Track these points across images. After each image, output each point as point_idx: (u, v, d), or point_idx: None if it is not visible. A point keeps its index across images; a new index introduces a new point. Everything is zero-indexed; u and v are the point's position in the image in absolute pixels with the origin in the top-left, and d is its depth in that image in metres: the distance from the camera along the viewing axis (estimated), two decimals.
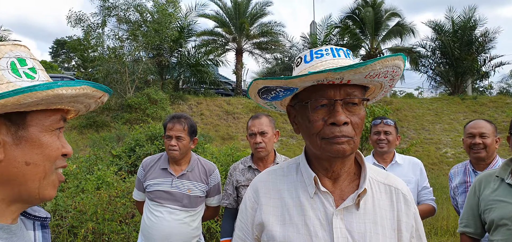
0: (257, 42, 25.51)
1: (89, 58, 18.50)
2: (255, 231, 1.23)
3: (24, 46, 0.87)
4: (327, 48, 1.13)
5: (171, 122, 2.58)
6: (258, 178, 1.32)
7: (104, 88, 0.90)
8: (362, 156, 1.23)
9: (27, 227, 0.96)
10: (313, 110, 1.09)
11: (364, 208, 1.13)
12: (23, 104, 0.75)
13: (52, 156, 0.86)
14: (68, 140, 10.24)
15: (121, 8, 17.41)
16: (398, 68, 1.05)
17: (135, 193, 2.81)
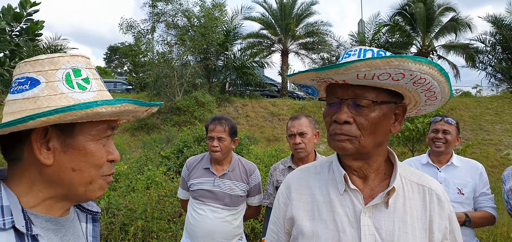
0: (303, 42, 25.36)
1: (140, 63, 19.32)
2: (286, 225, 1.29)
3: (83, 56, 0.92)
4: (356, 49, 1.14)
5: (213, 124, 2.65)
6: (291, 175, 1.37)
7: (147, 104, 0.92)
8: (395, 155, 1.24)
9: (80, 219, 1.05)
10: (327, 107, 1.17)
11: (394, 206, 1.14)
12: (65, 120, 0.80)
13: (96, 164, 0.91)
14: (121, 141, 10.77)
15: (169, 14, 18.04)
16: (415, 72, 0.99)
17: (180, 192, 2.91)
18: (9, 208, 0.82)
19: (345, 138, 1.10)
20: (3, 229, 0.79)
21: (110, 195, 5.38)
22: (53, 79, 0.86)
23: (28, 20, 3.85)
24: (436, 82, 1.04)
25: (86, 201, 0.97)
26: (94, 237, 1.06)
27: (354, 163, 1.18)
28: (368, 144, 1.11)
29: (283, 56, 25.36)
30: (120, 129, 15.72)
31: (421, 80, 1.02)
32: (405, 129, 8.91)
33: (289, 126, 2.71)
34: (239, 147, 8.00)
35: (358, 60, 0.96)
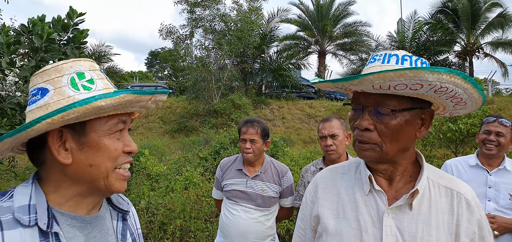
0: (340, 43, 25.00)
1: (179, 67, 19.84)
2: (313, 222, 1.34)
3: (86, 59, 0.99)
4: (381, 54, 1.15)
5: (245, 126, 2.71)
6: (319, 174, 1.41)
7: (148, 92, 0.97)
8: (423, 157, 1.23)
9: (112, 217, 1.13)
10: (352, 112, 1.19)
11: (418, 208, 1.14)
12: (71, 118, 0.87)
13: (111, 157, 0.97)
14: (161, 143, 11.10)
15: (207, 19, 18.40)
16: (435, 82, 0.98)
17: (214, 192, 3.00)
18: (35, 206, 0.90)
19: (367, 146, 1.13)
20: (28, 226, 0.87)
21: (150, 195, 5.59)
22: (60, 85, 0.93)
23: (74, 29, 4.10)
24: (461, 90, 1.02)
25: (109, 194, 1.03)
26: (123, 235, 1.12)
27: (379, 166, 1.20)
28: (390, 151, 1.13)
29: (320, 58, 25.12)
30: (160, 131, 16.22)
31: (442, 88, 1.01)
32: (447, 130, 8.57)
33: (320, 128, 2.72)
34: (274, 149, 8.04)
35: (371, 74, 0.99)
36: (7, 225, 0.85)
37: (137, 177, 6.74)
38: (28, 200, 0.91)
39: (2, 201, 0.90)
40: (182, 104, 18.81)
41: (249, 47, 18.34)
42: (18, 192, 0.92)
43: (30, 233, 0.87)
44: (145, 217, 5.25)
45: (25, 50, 3.92)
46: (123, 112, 1.00)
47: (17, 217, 0.86)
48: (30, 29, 3.76)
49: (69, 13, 4.00)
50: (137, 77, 37.94)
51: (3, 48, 3.72)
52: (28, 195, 0.92)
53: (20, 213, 0.87)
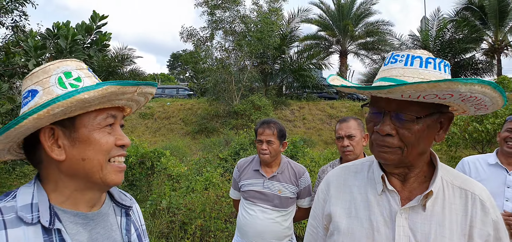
0: (362, 42, 24.72)
1: (200, 69, 20.05)
2: (325, 220, 1.33)
3: (73, 60, 1.02)
4: (403, 54, 1.12)
5: (262, 127, 2.72)
6: (331, 173, 1.41)
7: (132, 83, 0.97)
8: (437, 157, 1.21)
9: (116, 213, 1.15)
10: (370, 114, 1.17)
11: (432, 209, 1.13)
12: (58, 113, 0.89)
13: (102, 150, 0.98)
14: (182, 144, 11.23)
15: (227, 21, 18.51)
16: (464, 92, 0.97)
17: (232, 192, 3.02)
18: (37, 205, 0.93)
19: (387, 150, 1.11)
20: (31, 224, 0.89)
21: (171, 195, 5.67)
22: (48, 85, 0.95)
23: (97, 32, 4.22)
24: (487, 98, 1.00)
25: (107, 187, 1.04)
26: (127, 230, 1.14)
27: (395, 170, 1.19)
28: (410, 155, 1.11)
29: (342, 57, 24.90)
30: (181, 132, 16.42)
31: (471, 98, 1.00)
32: (473, 130, 8.33)
33: (337, 129, 2.70)
34: (294, 150, 8.01)
35: (403, 84, 0.97)
36: (10, 223, 0.88)
37: (158, 177, 6.85)
38: (30, 199, 0.94)
39: (6, 201, 0.93)
40: (203, 106, 18.99)
41: (269, 48, 18.35)
42: (21, 192, 0.95)
43: (33, 230, 0.89)
44: (166, 216, 5.32)
45: (51, 53, 4.05)
46: (111, 107, 1.01)
47: (20, 216, 0.89)
48: (55, 33, 3.88)
49: (92, 17, 4.11)
50: (159, 80, 38.54)
51: (31, 51, 3.85)
52: (30, 194, 0.95)
53: (23, 212, 0.90)
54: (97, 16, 4.11)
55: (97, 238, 1.03)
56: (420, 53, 1.10)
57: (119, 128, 1.05)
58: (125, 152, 1.05)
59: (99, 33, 4.22)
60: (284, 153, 7.76)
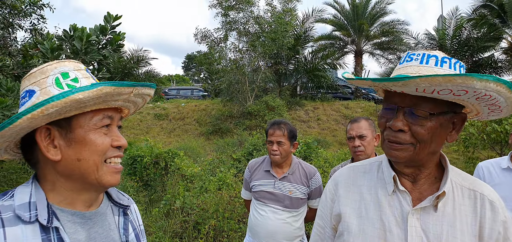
0: (377, 42, 24.47)
1: (214, 70, 20.14)
2: (333, 221, 1.33)
3: (71, 60, 1.03)
4: (419, 53, 1.12)
5: (272, 128, 2.72)
6: (339, 172, 1.40)
7: (127, 84, 0.96)
8: (447, 159, 1.22)
9: (114, 212, 1.16)
10: (382, 110, 1.17)
11: (443, 210, 1.13)
12: (52, 113, 0.89)
13: (98, 151, 0.98)
14: (196, 145, 11.30)
15: (240, 21, 18.54)
16: (480, 90, 0.96)
17: (243, 192, 3.03)
18: (35, 204, 0.94)
19: (399, 147, 1.12)
20: (29, 222, 0.90)
21: (185, 195, 5.71)
22: (45, 86, 0.96)
23: (112, 32, 4.28)
24: (503, 98, 0.99)
25: (102, 188, 1.05)
26: (125, 229, 1.15)
27: (405, 169, 1.19)
28: (422, 154, 1.12)
29: (357, 57, 24.70)
30: (196, 133, 16.53)
31: (485, 96, 0.99)
32: (492, 131, 8.15)
33: (348, 129, 2.68)
34: (308, 151, 7.97)
35: (418, 77, 0.96)
36: (8, 222, 0.89)
37: (172, 178, 6.90)
38: (28, 198, 0.95)
39: (3, 200, 0.93)
40: (217, 107, 19.07)
41: (283, 49, 18.32)
42: (19, 191, 0.96)
43: (31, 229, 0.90)
44: (180, 216, 5.36)
45: (67, 55, 4.13)
46: (108, 108, 1.02)
47: (18, 214, 0.90)
48: (71, 35, 3.96)
49: (106, 17, 4.18)
50: (174, 81, 38.88)
51: (48, 53, 3.93)
52: (28, 193, 0.96)
53: (20, 210, 0.91)
54: (111, 16, 4.17)
55: (96, 237, 1.04)
56: (436, 53, 1.11)
57: (116, 129, 1.06)
58: (121, 153, 1.05)
59: (114, 33, 4.28)
60: (297, 154, 7.73)
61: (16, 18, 7.71)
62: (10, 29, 7.71)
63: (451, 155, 12.04)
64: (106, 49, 4.30)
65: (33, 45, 5.04)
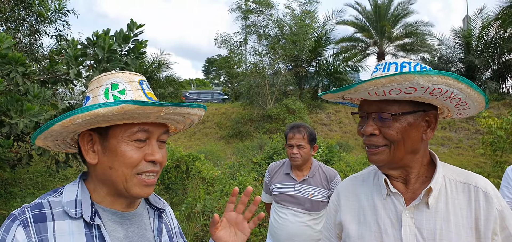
0: (400, 44, 24.05)
1: (234, 74, 20.21)
2: (337, 229, 1.41)
3: (125, 72, 1.07)
4: (383, 63, 1.21)
5: (292, 132, 2.74)
6: (341, 184, 1.49)
7: (151, 104, 0.96)
8: (437, 157, 1.27)
9: (149, 214, 1.21)
10: (360, 121, 1.26)
11: (436, 207, 1.18)
12: (80, 123, 0.95)
13: (126, 163, 1.01)
14: (217, 148, 11.36)
15: (260, 25, 18.55)
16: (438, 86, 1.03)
17: (263, 195, 3.04)
18: (80, 202, 1.02)
19: (375, 150, 1.19)
20: (75, 218, 0.99)
21: (206, 199, 5.74)
22: (97, 95, 1.04)
23: (134, 40, 4.35)
24: (456, 90, 1.05)
25: (132, 197, 1.08)
26: (159, 231, 1.20)
27: (392, 172, 1.25)
28: (399, 153, 1.18)
29: (379, 59, 24.31)
30: (216, 136, 16.63)
31: (436, 90, 1.05)
32: None
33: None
34: (330, 154, 7.89)
35: (364, 81, 1.06)
36: (57, 216, 0.98)
37: (193, 181, 6.96)
38: (75, 196, 1.03)
39: (54, 196, 1.03)
40: (237, 110, 19.13)
41: (303, 51, 18.22)
42: (67, 189, 1.05)
43: (76, 224, 0.99)
44: (201, 220, 5.40)
45: (91, 61, 4.22)
46: (144, 122, 1.03)
47: (65, 210, 0.99)
48: (95, 42, 4.04)
49: (129, 25, 4.24)
50: (194, 84, 39.25)
51: (72, 60, 4.03)
52: (75, 191, 1.05)
53: (68, 207, 1.00)
54: (134, 24, 4.23)
55: (132, 236, 1.10)
56: (397, 60, 1.19)
57: (154, 143, 1.07)
58: (156, 168, 1.07)
59: (136, 41, 4.34)
60: (318, 157, 7.66)
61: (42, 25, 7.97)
62: (37, 35, 7.97)
63: (478, 158, 11.70)
64: (128, 56, 4.37)
65: (58, 51, 5.18)
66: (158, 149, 1.07)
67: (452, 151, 13.39)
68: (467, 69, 18.98)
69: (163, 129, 1.09)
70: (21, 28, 7.91)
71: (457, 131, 14.90)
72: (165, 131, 1.11)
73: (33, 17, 7.87)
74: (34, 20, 7.89)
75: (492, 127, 8.04)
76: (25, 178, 9.10)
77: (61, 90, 6.60)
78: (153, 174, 1.07)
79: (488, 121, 8.09)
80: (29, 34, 8.03)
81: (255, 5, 18.21)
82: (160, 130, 1.08)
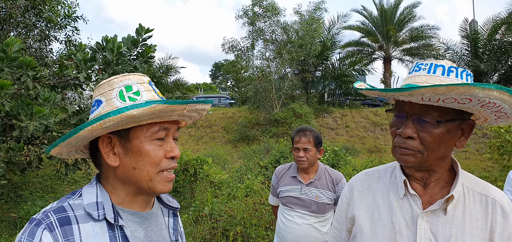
0: (406, 48, 23.96)
1: (241, 78, 20.27)
2: (348, 223, 1.39)
3: (136, 74, 1.09)
4: (427, 63, 1.18)
5: (298, 135, 2.77)
6: (355, 178, 1.46)
7: (179, 102, 1.01)
8: (458, 164, 1.25)
9: (164, 214, 1.23)
10: (393, 118, 1.22)
11: (453, 214, 1.16)
12: (109, 126, 0.97)
13: (152, 162, 1.04)
14: (223, 152, 11.42)
15: (267, 30, 18.61)
16: (484, 98, 0.99)
17: (270, 198, 3.07)
18: (102, 203, 1.02)
19: (408, 152, 1.15)
20: (98, 220, 0.99)
21: (213, 202, 5.77)
22: (110, 97, 1.04)
23: (143, 45, 4.40)
24: (507, 105, 1.03)
25: (155, 194, 1.10)
26: (174, 230, 1.22)
27: (416, 174, 1.23)
28: (430, 159, 1.15)
29: (386, 64, 24.26)
30: (223, 140, 16.68)
31: (489, 104, 1.03)
32: None
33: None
34: (336, 158, 7.88)
35: (423, 87, 1.00)
36: (81, 219, 0.98)
37: (201, 184, 6.99)
38: (95, 198, 1.03)
39: (73, 199, 1.03)
40: (244, 114, 19.18)
41: (310, 56, 18.25)
42: (86, 192, 1.05)
43: (100, 226, 0.99)
44: (208, 223, 5.42)
45: (100, 66, 4.28)
46: (164, 121, 1.06)
47: (88, 212, 0.99)
48: (104, 46, 4.10)
49: (138, 30, 4.30)
50: (201, 89, 39.40)
51: (81, 64, 4.09)
52: (94, 194, 1.05)
53: (90, 209, 1.00)
54: (142, 29, 4.29)
55: (151, 235, 1.11)
56: (443, 62, 1.15)
57: (171, 139, 1.10)
58: (175, 163, 1.09)
59: (145, 45, 4.40)
60: (325, 161, 7.66)
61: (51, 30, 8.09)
62: (47, 41, 8.08)
63: (485, 162, 11.60)
64: (137, 60, 4.42)
65: (68, 56, 5.25)
66: (175, 144, 1.10)
67: (459, 155, 13.28)
68: (474, 73, 18.83)
69: (177, 125, 1.12)
70: (32, 33, 8.05)
71: None
72: (178, 128, 1.14)
73: (43, 23, 8.00)
74: (44, 26, 8.01)
75: (500, 131, 7.99)
76: (34, 181, 9.20)
77: (70, 95, 6.68)
78: (173, 170, 1.10)
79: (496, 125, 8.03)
80: (39, 39, 8.16)
81: (262, 10, 18.30)
82: (175, 126, 1.11)
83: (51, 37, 8.33)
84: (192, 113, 1.13)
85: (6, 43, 3.48)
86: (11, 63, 3.68)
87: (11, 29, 7.49)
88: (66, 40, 8.60)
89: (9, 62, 3.63)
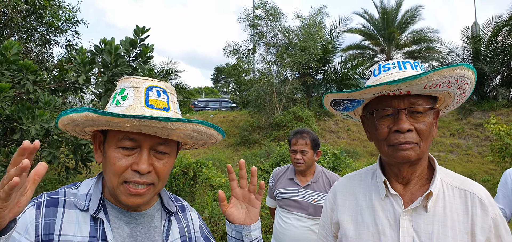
0: (408, 51, 23.93)
1: (242, 81, 20.27)
2: (333, 228, 1.40)
3: (137, 77, 1.08)
4: (394, 62, 1.23)
5: (295, 138, 2.77)
6: (338, 182, 1.48)
7: (113, 115, 0.94)
8: (435, 160, 1.28)
9: (162, 216, 1.23)
10: (379, 119, 1.21)
11: (434, 210, 1.19)
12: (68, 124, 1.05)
13: (113, 169, 1.02)
14: (224, 155, 11.40)
15: (269, 34, 18.62)
16: (464, 78, 1.09)
17: (268, 200, 3.05)
18: (91, 195, 1.09)
19: (409, 146, 1.15)
20: (83, 210, 1.06)
21: (213, 205, 5.76)
22: (112, 96, 1.11)
23: (141, 45, 4.41)
24: (469, 82, 1.14)
25: (125, 203, 1.06)
26: (166, 234, 1.19)
27: (408, 169, 1.23)
28: (425, 149, 1.18)
29: None
30: (224, 144, 16.67)
31: (466, 84, 1.13)
32: None
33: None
34: (336, 161, 7.86)
35: (430, 72, 1.04)
36: (68, 205, 1.06)
37: (201, 188, 6.98)
38: (87, 190, 1.11)
39: (71, 188, 1.12)
40: (245, 118, 19.17)
41: (311, 59, 18.24)
42: (83, 183, 1.14)
43: (83, 216, 1.05)
44: (208, 226, 5.41)
45: (99, 68, 4.29)
46: (130, 131, 1.01)
47: (76, 201, 1.07)
48: (102, 49, 4.11)
49: (135, 30, 4.31)
50: (203, 93, 39.43)
51: (80, 67, 4.10)
52: (89, 186, 1.12)
53: (79, 199, 1.07)
54: (139, 29, 4.30)
55: (137, 236, 1.12)
56: (407, 60, 1.23)
57: (145, 153, 1.03)
58: (143, 179, 1.03)
59: (143, 46, 4.41)
60: (325, 165, 7.63)
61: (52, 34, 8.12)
62: (47, 45, 8.12)
63: (487, 165, 11.55)
64: (136, 61, 4.43)
65: (68, 60, 5.27)
66: (146, 159, 1.03)
67: (462, 158, 13.24)
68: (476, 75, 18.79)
69: (157, 139, 1.04)
70: (33, 38, 8.08)
71: (466, 138, 14.74)
72: (163, 142, 1.06)
73: (44, 27, 8.02)
74: (45, 30, 8.05)
75: (501, 133, 7.97)
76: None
77: (72, 99, 6.71)
78: (141, 185, 1.04)
79: (497, 128, 8.02)
80: (40, 43, 8.18)
81: (264, 13, 18.32)
82: (154, 140, 1.04)
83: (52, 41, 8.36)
84: (194, 134, 1.07)
85: (4, 46, 3.50)
86: (10, 66, 3.69)
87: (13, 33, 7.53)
88: (67, 44, 8.64)
89: (8, 65, 3.64)
